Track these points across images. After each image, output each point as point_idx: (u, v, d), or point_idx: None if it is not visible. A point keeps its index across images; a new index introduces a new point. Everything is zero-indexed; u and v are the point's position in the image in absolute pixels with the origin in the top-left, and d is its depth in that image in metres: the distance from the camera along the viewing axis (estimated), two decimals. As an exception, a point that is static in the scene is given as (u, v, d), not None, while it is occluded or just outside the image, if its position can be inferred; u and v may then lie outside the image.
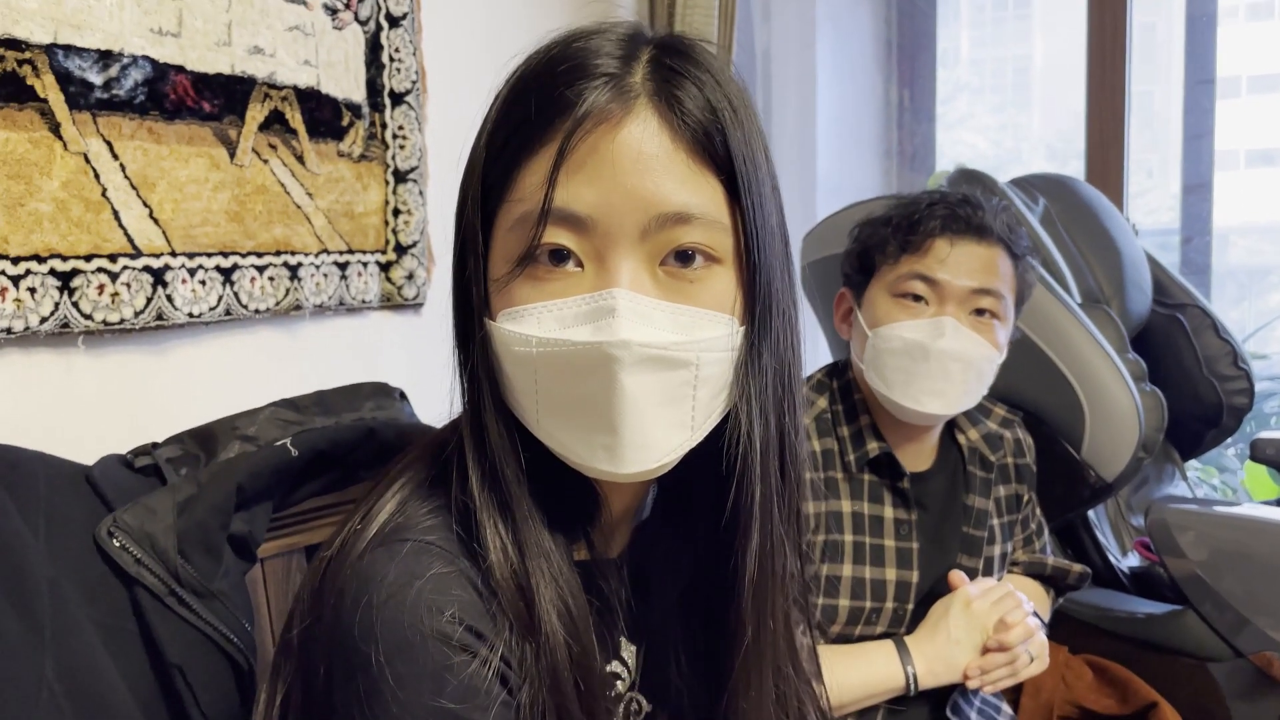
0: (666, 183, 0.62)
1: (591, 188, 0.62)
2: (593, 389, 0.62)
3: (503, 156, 0.65)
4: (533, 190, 0.63)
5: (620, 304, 0.61)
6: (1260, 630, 1.50)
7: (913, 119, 2.92)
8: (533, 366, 0.63)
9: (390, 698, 0.59)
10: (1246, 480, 2.92)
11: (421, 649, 0.59)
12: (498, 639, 0.62)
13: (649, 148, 0.62)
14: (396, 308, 1.46)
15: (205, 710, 0.76)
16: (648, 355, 0.61)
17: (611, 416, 0.62)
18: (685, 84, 0.64)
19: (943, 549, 1.31)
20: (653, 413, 0.63)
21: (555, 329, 0.62)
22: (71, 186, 0.99)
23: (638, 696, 0.78)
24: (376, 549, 0.64)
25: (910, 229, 1.25)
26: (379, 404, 1.02)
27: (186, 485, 0.81)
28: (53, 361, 1.00)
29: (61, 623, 0.71)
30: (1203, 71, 2.92)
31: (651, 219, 0.62)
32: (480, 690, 0.60)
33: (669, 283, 0.64)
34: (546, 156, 0.63)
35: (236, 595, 0.81)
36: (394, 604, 0.60)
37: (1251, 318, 3.59)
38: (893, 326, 1.24)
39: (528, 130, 0.64)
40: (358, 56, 1.36)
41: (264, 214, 1.21)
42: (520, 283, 0.64)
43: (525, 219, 0.63)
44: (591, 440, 0.63)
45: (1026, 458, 1.42)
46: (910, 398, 1.23)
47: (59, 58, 0.98)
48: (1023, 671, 1.21)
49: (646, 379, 0.62)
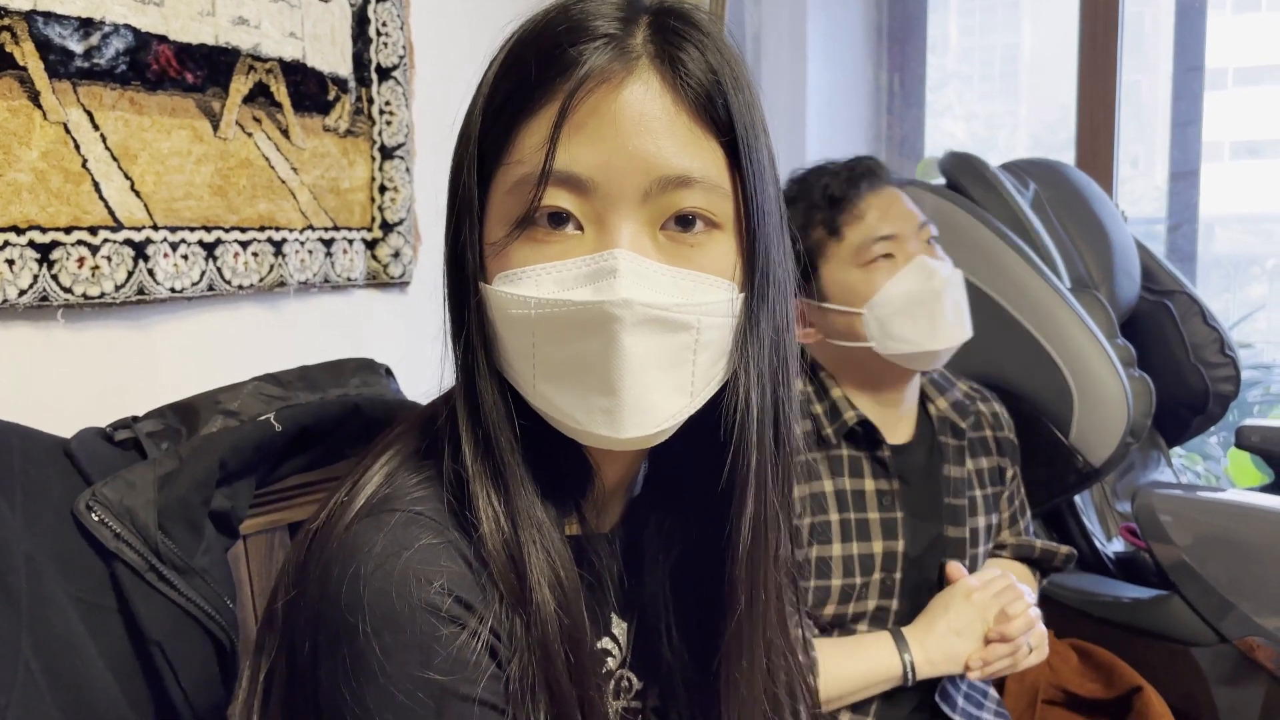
0: (668, 145, 0.62)
1: (592, 149, 0.61)
2: (592, 350, 0.61)
3: (500, 119, 0.64)
4: (532, 152, 0.62)
5: (621, 264, 0.60)
6: (1244, 615, 1.51)
7: (902, 104, 2.91)
8: (530, 329, 0.62)
9: (378, 669, 0.58)
10: (1230, 468, 2.95)
11: (409, 620, 0.58)
12: (487, 611, 0.61)
13: (651, 109, 0.62)
14: (382, 286, 1.45)
15: (185, 687, 0.74)
16: (649, 315, 0.60)
17: (611, 378, 0.61)
18: (687, 46, 0.63)
19: (926, 520, 1.31)
20: (653, 376, 0.62)
21: (554, 290, 0.61)
22: (51, 157, 0.97)
23: (628, 673, 0.77)
24: (364, 519, 0.63)
25: (834, 206, 1.27)
26: (364, 380, 1.00)
27: (167, 460, 0.79)
28: (32, 335, 0.98)
29: (38, 598, 0.70)
30: (1192, 59, 2.92)
31: (653, 181, 0.61)
32: (468, 663, 0.59)
33: (669, 246, 0.63)
34: (546, 117, 0.62)
35: (218, 572, 0.79)
36: (382, 574, 0.59)
37: (1235, 307, 3.62)
38: (886, 290, 1.25)
39: (527, 91, 0.63)
40: (344, 29, 1.34)
41: (248, 188, 1.19)
42: (518, 245, 0.63)
43: (524, 181, 0.62)
44: (590, 404, 0.62)
45: (1006, 431, 1.42)
46: (942, 339, 1.26)
47: (39, 25, 0.95)
48: (1023, 663, 1.21)
49: (647, 341, 0.61)
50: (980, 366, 1.60)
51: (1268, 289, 3.72)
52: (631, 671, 0.78)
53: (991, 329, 1.64)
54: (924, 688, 1.25)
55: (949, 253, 1.33)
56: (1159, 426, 2.08)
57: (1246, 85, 3.79)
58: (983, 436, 1.39)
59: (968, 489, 1.34)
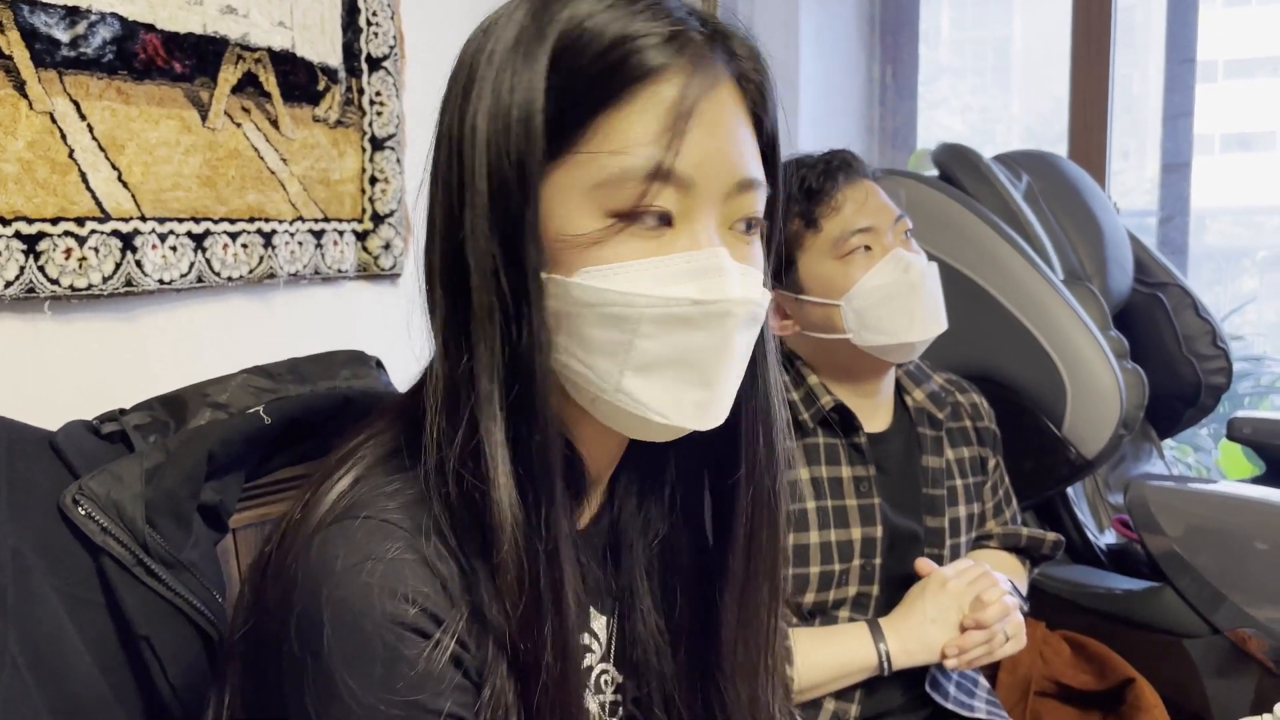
0: (745, 150, 0.64)
1: (696, 149, 0.61)
2: (701, 345, 0.62)
3: (578, 104, 0.61)
4: (636, 145, 0.60)
5: (726, 264, 0.62)
6: (1236, 607, 1.51)
7: (895, 97, 2.90)
8: (633, 325, 0.61)
9: (341, 685, 0.57)
10: (1221, 459, 2.96)
11: (375, 635, 0.57)
12: (455, 623, 0.59)
13: (732, 111, 0.64)
14: (373, 278, 1.44)
15: (173, 682, 0.74)
16: (752, 313, 0.64)
17: (713, 373, 0.63)
18: (743, 50, 0.66)
19: (904, 508, 1.31)
20: (739, 370, 0.66)
21: (654, 287, 0.61)
22: (37, 147, 0.96)
23: (609, 669, 0.77)
24: (330, 526, 0.61)
25: (812, 198, 1.28)
26: (355, 372, 0.99)
27: (155, 453, 0.78)
28: (18, 328, 0.97)
29: (24, 593, 0.69)
30: (1183, 52, 2.92)
31: (734, 184, 0.63)
32: (435, 676, 0.58)
33: (736, 246, 0.65)
34: (651, 111, 0.60)
35: (207, 566, 0.78)
36: (347, 587, 0.57)
37: (1226, 300, 3.63)
38: (864, 282, 1.25)
39: (619, 82, 0.60)
40: (334, 19, 1.33)
41: (237, 179, 1.18)
42: (616, 241, 0.61)
43: (628, 174, 0.60)
44: (682, 398, 0.63)
45: (986, 420, 1.42)
46: (918, 331, 1.26)
47: (24, 13, 0.94)
48: (999, 650, 1.20)
49: (746, 337, 0.65)
50: (973, 358, 1.60)
51: (1258, 281, 3.73)
52: (612, 667, 0.77)
53: (984, 321, 1.64)
54: (914, 678, 1.25)
55: (942, 244, 1.33)
56: (1151, 418, 2.08)
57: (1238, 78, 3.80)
58: (962, 427, 1.39)
59: (946, 479, 1.34)
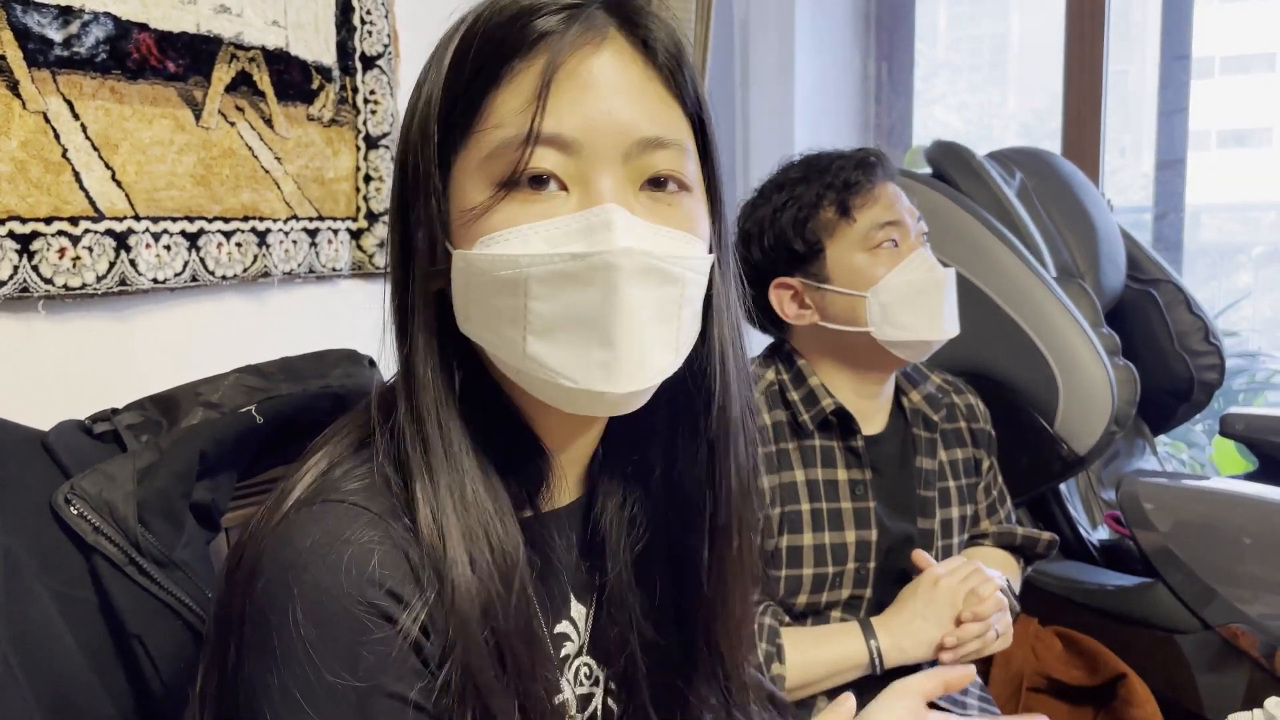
0: (644, 110, 0.65)
1: (575, 111, 0.62)
2: (592, 302, 0.61)
3: (469, 90, 0.65)
4: (513, 115, 0.63)
5: (615, 218, 0.62)
6: (1228, 602, 1.52)
7: (891, 93, 2.91)
8: (523, 288, 0.62)
9: (304, 660, 0.57)
10: (1214, 455, 2.96)
11: (341, 613, 0.58)
12: (421, 606, 0.60)
13: (627, 75, 0.65)
14: (368, 276, 1.44)
15: (166, 680, 0.74)
16: (647, 264, 0.62)
17: (610, 330, 0.62)
18: (651, 20, 0.67)
19: (899, 510, 1.32)
20: (649, 330, 0.63)
21: (544, 248, 0.62)
22: (30, 146, 0.96)
23: (588, 660, 0.77)
24: (300, 510, 0.62)
25: (849, 188, 1.28)
26: (348, 371, 0.99)
27: (147, 452, 0.78)
28: (12, 327, 0.97)
29: (15, 592, 0.69)
30: (1179, 48, 2.93)
31: (632, 143, 0.64)
32: (396, 659, 0.59)
33: (649, 205, 0.65)
34: (524, 83, 0.63)
35: (199, 565, 0.79)
36: (315, 566, 0.58)
37: (1221, 296, 3.63)
38: (892, 276, 1.26)
39: (497, 61, 0.64)
40: (328, 18, 1.33)
41: (231, 178, 1.18)
42: (502, 208, 0.63)
43: (507, 144, 0.62)
44: (588, 359, 0.62)
45: (981, 422, 1.43)
46: (938, 330, 1.28)
47: (17, 13, 0.94)
48: (989, 647, 1.21)
49: (643, 291, 0.62)
50: (965, 355, 1.60)
51: (1253, 277, 3.74)
52: (591, 658, 0.77)
53: (977, 318, 1.64)
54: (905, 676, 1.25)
55: (935, 242, 1.33)
56: (1144, 415, 2.09)
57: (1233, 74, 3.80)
58: (957, 428, 1.40)
59: (939, 480, 1.35)
